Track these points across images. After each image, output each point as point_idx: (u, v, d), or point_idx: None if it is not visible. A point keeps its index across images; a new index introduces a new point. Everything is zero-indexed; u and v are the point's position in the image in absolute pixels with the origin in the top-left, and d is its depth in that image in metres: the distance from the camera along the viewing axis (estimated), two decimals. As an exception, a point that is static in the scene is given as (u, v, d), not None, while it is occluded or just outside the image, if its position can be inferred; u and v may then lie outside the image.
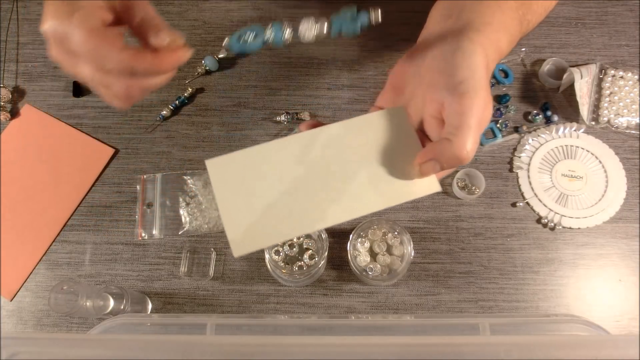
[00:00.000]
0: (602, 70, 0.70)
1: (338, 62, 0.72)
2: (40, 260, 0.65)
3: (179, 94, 0.70)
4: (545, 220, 0.65)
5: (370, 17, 0.42)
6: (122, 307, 0.57)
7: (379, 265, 0.61)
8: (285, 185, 0.42)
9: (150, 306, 0.63)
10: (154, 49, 0.38)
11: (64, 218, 0.66)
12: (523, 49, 0.72)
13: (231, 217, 0.41)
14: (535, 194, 0.66)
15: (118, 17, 0.38)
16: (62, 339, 0.41)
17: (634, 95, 0.68)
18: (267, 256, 0.60)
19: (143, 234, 0.66)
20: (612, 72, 0.69)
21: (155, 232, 0.66)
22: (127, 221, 0.66)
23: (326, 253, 0.60)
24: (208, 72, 0.72)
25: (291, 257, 0.62)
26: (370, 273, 0.60)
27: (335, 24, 0.42)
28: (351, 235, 0.61)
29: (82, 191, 0.68)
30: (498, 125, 0.68)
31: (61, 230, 0.66)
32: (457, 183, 0.66)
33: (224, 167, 0.42)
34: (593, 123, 0.68)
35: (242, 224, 0.41)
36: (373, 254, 0.62)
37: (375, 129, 0.44)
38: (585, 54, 0.72)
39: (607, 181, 0.66)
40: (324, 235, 0.60)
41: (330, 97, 0.71)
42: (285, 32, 0.42)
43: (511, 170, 0.67)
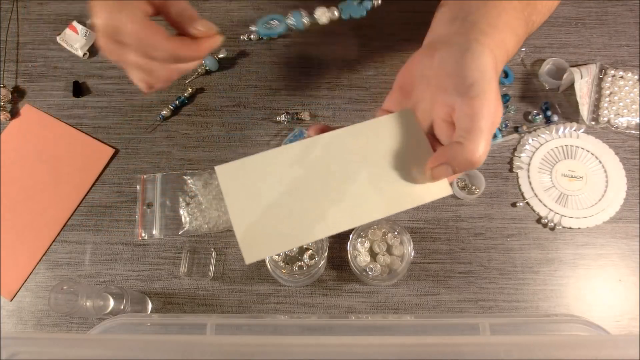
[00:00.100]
0: (602, 70, 0.70)
1: (338, 62, 0.72)
2: (40, 260, 0.65)
3: (179, 94, 0.70)
4: (545, 220, 0.65)
5: (374, 1, 0.53)
6: (122, 307, 0.57)
7: (379, 265, 0.61)
8: (295, 191, 0.41)
9: (150, 306, 0.63)
10: (191, 37, 0.43)
11: (64, 218, 0.67)
12: (523, 49, 0.72)
13: (242, 224, 0.40)
14: (535, 194, 0.66)
15: (157, 9, 0.43)
16: (62, 339, 0.41)
17: (634, 95, 0.68)
18: (267, 256, 0.60)
19: (143, 234, 0.66)
20: (612, 72, 0.69)
21: (155, 232, 0.66)
22: (127, 221, 0.66)
23: (326, 253, 0.60)
24: (208, 72, 0.72)
25: (291, 257, 0.62)
26: (370, 273, 0.60)
27: (345, 10, 0.53)
28: (351, 235, 0.61)
29: (82, 191, 0.68)
30: (498, 125, 0.68)
31: (61, 230, 0.66)
32: (457, 183, 0.66)
33: (233, 174, 0.41)
34: (593, 123, 0.68)
35: (253, 231, 0.40)
36: (373, 254, 0.62)
37: (384, 133, 0.43)
38: (585, 54, 0.72)
39: (607, 181, 0.66)
40: (324, 236, 0.60)
41: (330, 97, 0.71)
42: (304, 18, 0.52)
43: (511, 170, 0.67)
